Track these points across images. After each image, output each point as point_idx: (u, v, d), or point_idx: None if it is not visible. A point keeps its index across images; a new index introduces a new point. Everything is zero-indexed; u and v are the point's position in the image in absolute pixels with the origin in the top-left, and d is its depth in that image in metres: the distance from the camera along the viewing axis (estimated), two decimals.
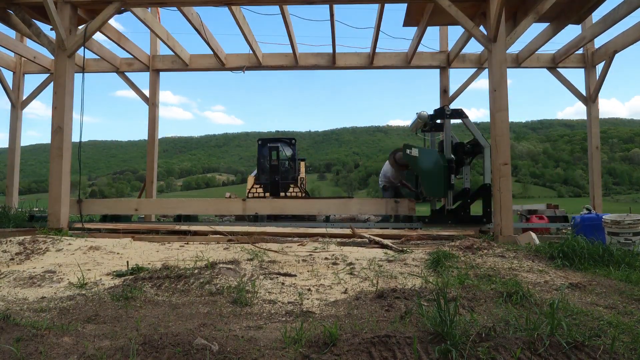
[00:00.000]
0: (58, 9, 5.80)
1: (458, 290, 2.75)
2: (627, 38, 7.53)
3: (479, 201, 6.14)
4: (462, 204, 6.13)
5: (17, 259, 4.00)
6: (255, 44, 8.54)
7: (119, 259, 4.01)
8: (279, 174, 9.08)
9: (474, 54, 9.07)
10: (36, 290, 3.00)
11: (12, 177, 8.93)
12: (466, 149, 6.22)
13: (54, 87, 5.81)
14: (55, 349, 1.85)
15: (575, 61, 8.79)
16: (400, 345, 1.81)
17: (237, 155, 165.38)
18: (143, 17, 6.98)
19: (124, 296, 2.72)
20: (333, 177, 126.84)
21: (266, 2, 6.35)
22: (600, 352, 1.76)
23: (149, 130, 9.36)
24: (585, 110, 8.77)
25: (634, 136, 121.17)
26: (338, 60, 9.03)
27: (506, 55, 5.90)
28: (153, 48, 9.26)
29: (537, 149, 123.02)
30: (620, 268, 3.50)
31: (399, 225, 6.22)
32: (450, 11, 5.56)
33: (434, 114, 6.37)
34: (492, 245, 4.40)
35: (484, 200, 5.99)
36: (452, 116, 6.17)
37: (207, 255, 3.99)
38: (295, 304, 2.64)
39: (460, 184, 6.18)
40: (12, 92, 8.96)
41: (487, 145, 5.89)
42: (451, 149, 6.09)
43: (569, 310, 2.38)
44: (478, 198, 6.11)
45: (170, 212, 7.01)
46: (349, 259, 3.81)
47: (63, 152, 5.72)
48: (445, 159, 5.99)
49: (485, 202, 5.98)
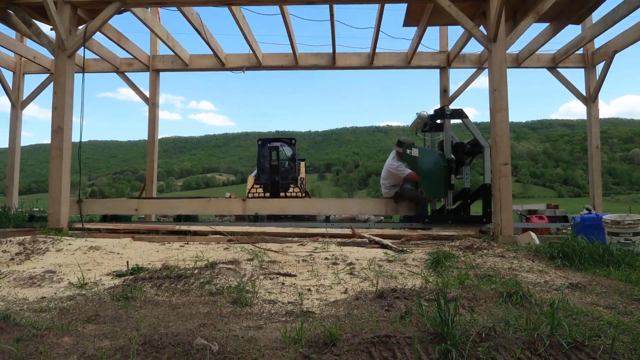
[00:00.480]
0: (58, 9, 5.80)
1: (458, 290, 2.75)
2: (627, 38, 7.53)
3: (478, 201, 6.14)
4: (462, 204, 6.13)
5: (17, 259, 4.00)
6: (255, 44, 8.54)
7: (119, 259, 4.01)
8: (279, 174, 9.08)
9: (474, 54, 9.07)
10: (36, 291, 3.00)
11: (12, 177, 8.93)
12: (466, 149, 6.21)
13: (54, 87, 5.81)
14: (55, 349, 1.85)
15: (575, 61, 8.79)
16: (400, 345, 1.81)
17: (237, 156, 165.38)
18: (143, 17, 6.98)
19: (124, 296, 2.72)
20: (333, 177, 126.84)
21: (266, 2, 6.35)
22: (600, 352, 1.76)
23: (149, 130, 9.37)
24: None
25: (634, 136, 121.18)
26: (338, 60, 9.03)
27: (506, 55, 5.90)
28: (153, 48, 9.26)
29: (537, 149, 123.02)
30: (620, 268, 3.50)
31: (404, 225, 6.20)
32: (450, 11, 5.56)
33: (434, 114, 6.36)
34: (492, 245, 4.41)
35: (484, 200, 5.98)
36: (452, 116, 6.16)
37: (207, 255, 3.99)
38: (295, 304, 2.64)
39: (460, 184, 6.18)
40: (12, 92, 8.96)
41: (487, 145, 5.89)
42: (451, 149, 6.09)
43: (569, 310, 2.38)
44: (478, 198, 6.10)
45: (170, 212, 7.01)
46: (349, 259, 3.81)
47: (63, 152, 5.72)
48: (445, 159, 5.99)
49: (485, 202, 5.97)
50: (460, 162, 6.17)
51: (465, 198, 6.14)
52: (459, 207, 6.12)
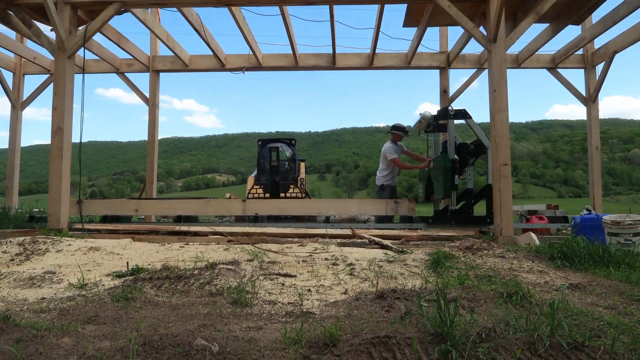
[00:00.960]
0: (58, 10, 5.80)
1: (458, 291, 2.75)
2: (626, 38, 7.53)
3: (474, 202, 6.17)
4: (466, 204, 6.13)
5: (17, 259, 4.00)
6: (255, 45, 8.54)
7: (119, 260, 4.01)
8: (279, 175, 9.08)
9: (474, 55, 9.07)
10: (36, 291, 3.00)
11: (12, 177, 8.92)
12: (469, 150, 6.21)
13: (54, 87, 5.81)
14: (55, 350, 1.85)
15: (575, 62, 8.79)
16: (400, 346, 1.81)
17: (237, 156, 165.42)
18: (143, 17, 6.99)
19: (124, 297, 2.72)
20: (333, 177, 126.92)
21: (266, 3, 6.35)
22: (600, 353, 1.76)
23: (149, 130, 9.37)
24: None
25: (634, 136, 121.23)
26: (338, 60, 9.03)
27: (506, 55, 5.90)
28: (153, 49, 9.26)
29: (537, 149, 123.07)
30: (620, 268, 3.49)
31: (407, 225, 6.20)
32: (450, 12, 5.56)
33: (438, 114, 6.35)
34: (492, 245, 4.40)
35: (487, 200, 5.98)
36: (455, 116, 6.16)
37: (207, 255, 3.99)
38: (295, 305, 2.64)
39: (463, 184, 6.18)
40: (12, 93, 8.96)
41: (490, 146, 5.89)
42: (455, 150, 6.09)
43: (569, 310, 2.38)
44: (482, 198, 6.11)
45: (170, 212, 7.00)
46: (349, 260, 3.81)
47: (63, 153, 5.72)
48: (449, 159, 5.99)
49: (488, 202, 5.97)
50: (464, 162, 6.17)
51: (469, 199, 6.14)
52: (463, 208, 6.13)
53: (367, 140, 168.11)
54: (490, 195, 5.87)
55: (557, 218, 7.85)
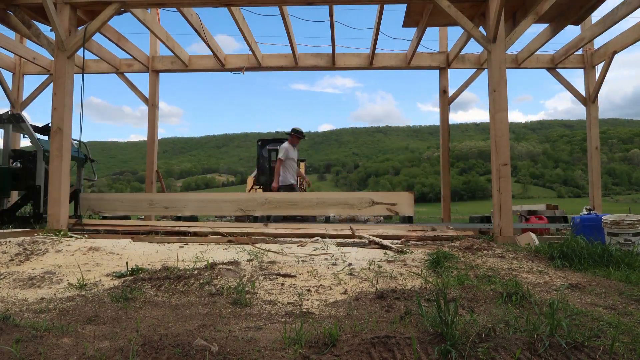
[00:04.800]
0: (57, 10, 5.80)
1: (458, 291, 2.75)
2: (626, 39, 7.54)
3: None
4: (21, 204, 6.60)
5: (17, 259, 4.00)
6: (254, 45, 8.54)
7: (119, 260, 4.00)
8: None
9: (474, 55, 9.07)
10: (36, 291, 3.00)
11: None
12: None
13: (54, 88, 5.81)
14: (54, 350, 1.85)
15: (574, 62, 8.80)
16: (400, 346, 1.81)
17: (236, 156, 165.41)
18: (143, 17, 6.99)
19: (124, 297, 2.72)
20: (333, 177, 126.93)
21: (266, 3, 6.35)
22: (600, 353, 1.76)
23: (149, 130, 9.37)
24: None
25: (634, 136, 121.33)
26: (338, 60, 9.04)
27: (506, 55, 5.91)
28: (153, 49, 9.26)
29: (536, 149, 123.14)
30: (619, 268, 3.50)
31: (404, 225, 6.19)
32: (449, 12, 5.56)
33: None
34: (491, 245, 4.40)
35: (33, 202, 6.43)
36: (9, 121, 6.59)
37: (206, 256, 3.99)
38: (295, 305, 2.63)
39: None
40: (11, 93, 8.96)
41: (40, 150, 6.40)
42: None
43: (569, 310, 2.38)
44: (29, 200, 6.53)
45: (176, 212, 6.98)
46: (349, 260, 3.81)
47: (63, 153, 5.72)
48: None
49: (35, 203, 6.43)
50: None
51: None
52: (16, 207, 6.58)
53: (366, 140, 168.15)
54: (36, 196, 6.37)
55: (557, 218, 7.87)
